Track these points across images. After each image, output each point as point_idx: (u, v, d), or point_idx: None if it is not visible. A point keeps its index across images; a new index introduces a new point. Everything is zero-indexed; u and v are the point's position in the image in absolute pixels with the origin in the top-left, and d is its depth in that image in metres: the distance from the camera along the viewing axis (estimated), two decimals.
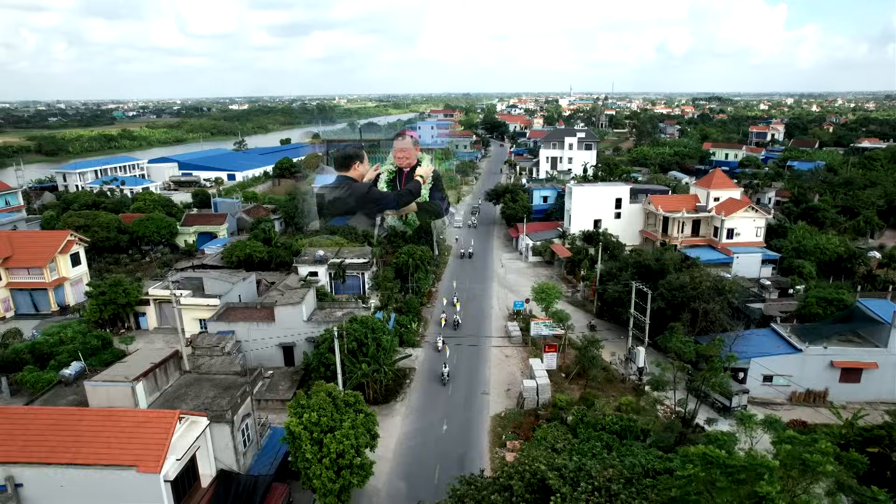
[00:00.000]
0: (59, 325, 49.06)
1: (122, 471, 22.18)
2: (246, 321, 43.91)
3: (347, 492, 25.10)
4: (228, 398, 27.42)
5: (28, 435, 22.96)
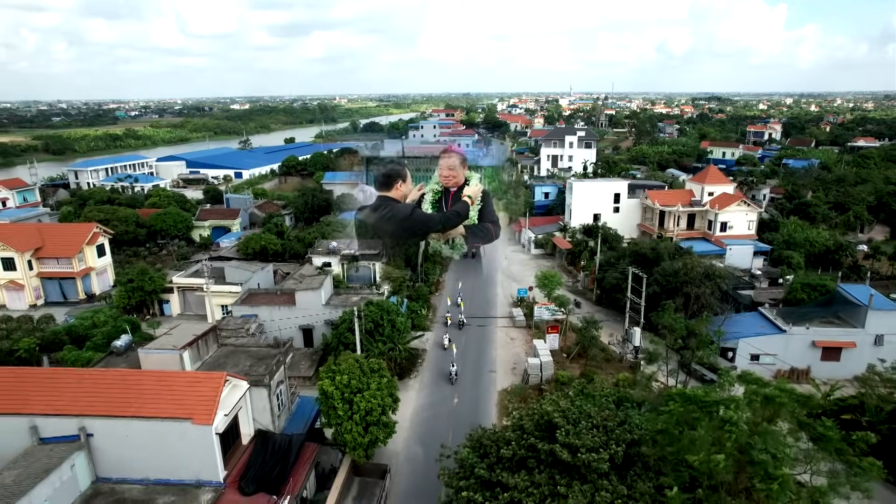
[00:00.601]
0: (91, 310, 52.15)
1: (179, 423, 25.24)
2: (268, 305, 46.98)
3: (374, 447, 28.19)
4: (264, 366, 30.52)
5: (97, 392, 26.04)
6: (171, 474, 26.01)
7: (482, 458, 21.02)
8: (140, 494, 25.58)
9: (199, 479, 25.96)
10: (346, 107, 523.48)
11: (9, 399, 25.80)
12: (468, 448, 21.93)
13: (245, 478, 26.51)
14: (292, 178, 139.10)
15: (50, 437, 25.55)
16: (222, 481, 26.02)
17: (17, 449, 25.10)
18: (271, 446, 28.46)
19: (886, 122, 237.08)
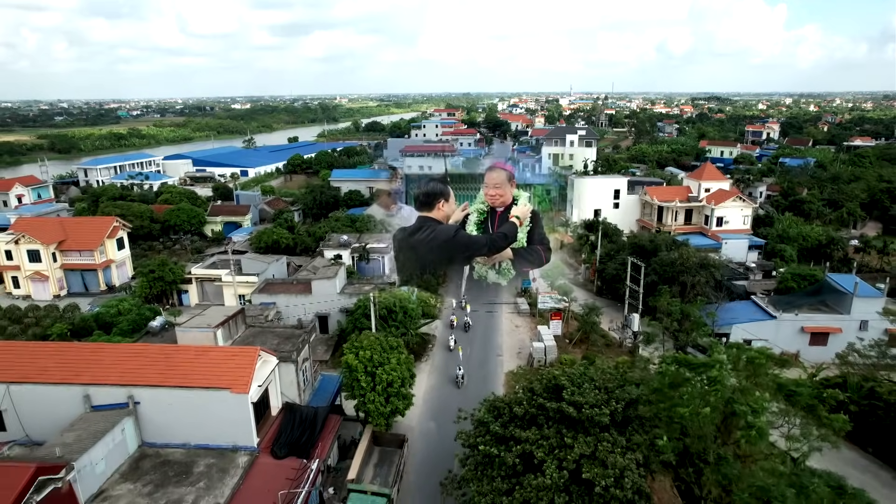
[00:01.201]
0: (116, 299, 54.61)
1: (218, 392, 27.73)
2: (286, 294, 49.49)
3: (393, 417, 30.72)
4: (290, 344, 33.05)
5: (144, 364, 28.55)
6: (210, 440, 28.51)
7: (496, 418, 23.52)
8: (182, 457, 28.08)
9: (236, 445, 28.47)
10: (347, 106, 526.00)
11: (65, 370, 28.31)
12: (485, 409, 24.44)
13: (277, 443, 29.02)
14: (297, 177, 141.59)
15: (101, 404, 28.06)
16: (256, 447, 28.53)
17: (72, 415, 27.65)
18: (298, 416, 30.95)
19: (884, 122, 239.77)
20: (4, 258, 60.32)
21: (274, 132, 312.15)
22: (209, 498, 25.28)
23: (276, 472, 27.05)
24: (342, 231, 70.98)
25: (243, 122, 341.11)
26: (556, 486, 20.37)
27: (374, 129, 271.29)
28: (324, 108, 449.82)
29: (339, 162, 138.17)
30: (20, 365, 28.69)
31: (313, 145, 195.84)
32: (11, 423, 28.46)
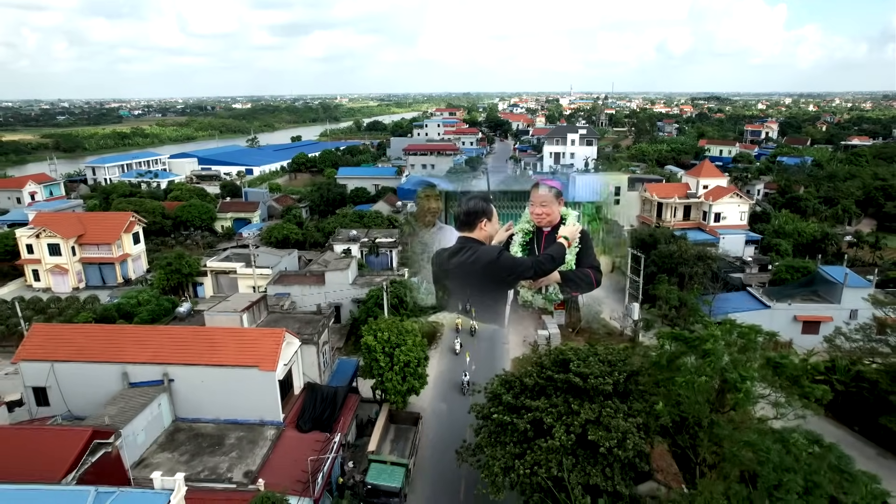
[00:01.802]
0: (135, 290, 56.65)
1: (247, 370, 29.81)
2: (300, 285, 51.53)
3: (410, 394, 32.77)
4: (311, 328, 35.10)
5: (177, 345, 30.61)
6: (239, 415, 30.58)
7: (508, 390, 25.56)
8: (213, 431, 30.15)
9: (263, 419, 30.54)
10: (348, 106, 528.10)
11: (104, 350, 30.37)
12: (497, 382, 26.50)
13: (301, 419, 31.10)
14: (302, 175, 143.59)
15: (138, 381, 30.14)
16: (282, 421, 30.60)
17: (111, 391, 29.71)
18: (320, 395, 33.02)
19: (882, 121, 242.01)
20: (26, 252, 62.35)
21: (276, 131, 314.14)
22: (242, 466, 27.35)
23: (301, 443, 29.10)
24: (350, 226, 73.01)
25: (245, 121, 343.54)
26: (564, 449, 22.43)
27: (376, 129, 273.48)
28: (325, 108, 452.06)
29: (343, 161, 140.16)
30: (63, 345, 30.76)
31: (316, 144, 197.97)
32: (55, 399, 30.57)
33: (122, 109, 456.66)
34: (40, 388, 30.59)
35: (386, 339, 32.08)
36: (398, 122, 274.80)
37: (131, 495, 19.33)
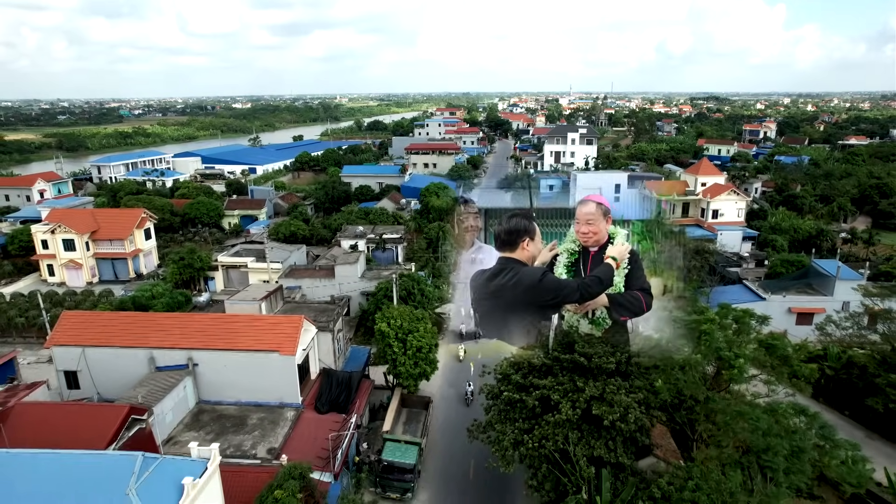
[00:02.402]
0: (149, 284, 58.23)
1: (268, 354, 31.44)
2: (310, 278, 53.16)
3: (421, 379, 34.41)
4: (326, 316, 36.73)
5: (201, 331, 32.24)
6: (259, 397, 32.22)
7: (517, 371, 27.21)
8: (235, 412, 31.79)
9: (282, 402, 32.19)
10: (348, 106, 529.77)
11: (132, 336, 31.99)
12: (506, 364, 28.12)
13: (319, 401, 32.73)
14: (305, 173, 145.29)
15: (164, 366, 31.78)
16: (301, 403, 32.24)
17: (138, 375, 31.35)
18: (335, 379, 34.65)
19: (879, 121, 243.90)
20: (41, 247, 63.93)
21: (277, 131, 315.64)
22: (265, 444, 29.00)
23: (320, 423, 30.74)
24: (356, 223, 74.64)
25: (246, 121, 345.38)
26: (570, 424, 24.08)
27: (377, 128, 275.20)
28: (325, 108, 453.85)
29: (345, 159, 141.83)
30: (92, 331, 32.40)
31: (318, 143, 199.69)
32: (85, 382, 32.21)
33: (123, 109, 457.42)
34: (71, 372, 32.21)
35: (399, 325, 33.72)
36: (399, 121, 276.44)
37: (173, 462, 20.95)
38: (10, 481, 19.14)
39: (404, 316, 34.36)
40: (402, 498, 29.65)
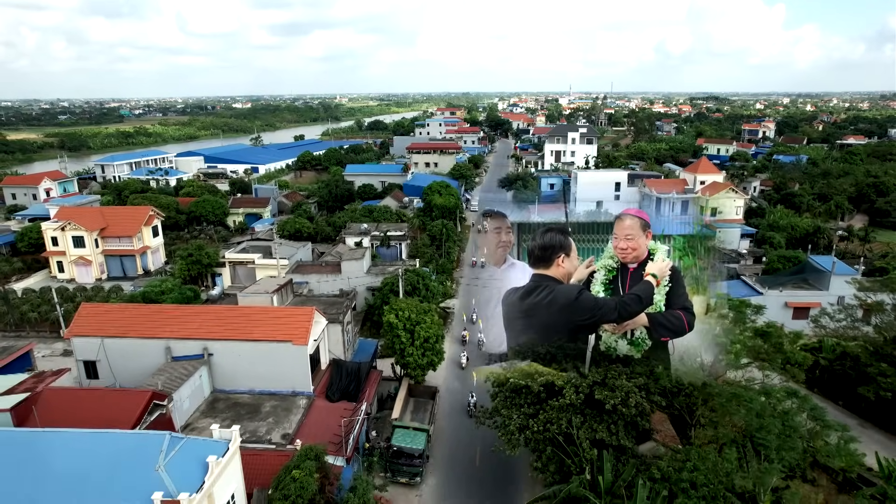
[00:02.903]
0: (158, 280, 59.31)
1: (281, 344, 32.51)
2: (317, 274, 54.23)
3: (428, 369, 35.53)
4: (336, 308, 37.83)
5: (216, 322, 33.33)
6: (272, 386, 33.30)
7: (523, 359, 28.32)
8: (249, 400, 32.88)
9: (295, 390, 33.27)
10: (348, 106, 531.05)
11: (149, 327, 33.08)
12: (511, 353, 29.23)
13: (330, 390, 33.83)
14: (307, 173, 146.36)
15: (180, 356, 32.87)
16: (312, 392, 33.33)
17: (155, 365, 32.44)
18: (345, 369, 35.75)
19: (878, 121, 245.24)
20: (51, 244, 64.99)
21: (278, 131, 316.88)
22: (279, 430, 30.10)
23: (332, 411, 31.85)
24: (360, 221, 75.74)
25: (247, 120, 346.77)
26: (573, 408, 25.18)
27: (377, 128, 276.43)
28: (326, 108, 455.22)
29: (347, 159, 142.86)
30: (111, 322, 33.48)
31: (320, 143, 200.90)
32: (103, 372, 33.30)
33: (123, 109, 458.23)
34: (90, 362, 33.30)
35: (407, 317, 34.82)
36: (399, 121, 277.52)
37: (197, 442, 22.07)
38: (47, 458, 20.25)
39: (412, 308, 35.47)
40: (411, 482, 30.76)
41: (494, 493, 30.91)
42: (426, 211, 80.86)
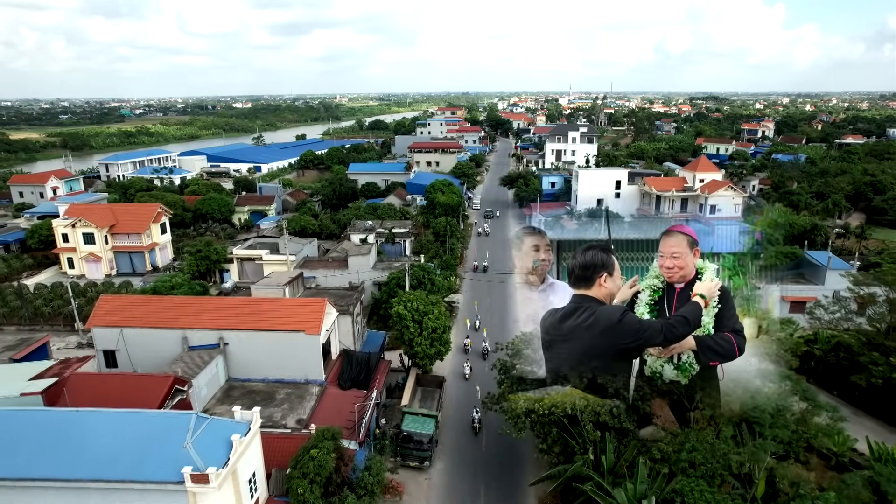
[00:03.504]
0: (168, 275, 60.46)
1: (294, 334, 33.66)
2: (324, 268, 55.42)
3: (436, 358, 36.71)
4: (345, 301, 39.01)
5: (230, 312, 34.49)
6: (286, 374, 34.45)
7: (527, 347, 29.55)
8: (264, 388, 34.04)
9: (308, 378, 34.42)
10: (349, 105, 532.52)
11: (166, 317, 34.24)
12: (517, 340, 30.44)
13: (341, 378, 35.02)
14: (310, 172, 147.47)
15: (196, 345, 34.02)
16: (324, 380, 34.50)
17: (172, 354, 33.58)
18: (355, 359, 36.93)
19: (877, 121, 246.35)
20: (61, 241, 66.15)
21: (279, 130, 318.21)
22: (293, 415, 31.27)
23: (343, 398, 33.02)
24: (365, 218, 76.98)
25: (248, 120, 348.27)
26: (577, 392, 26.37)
27: (378, 127, 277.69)
28: (326, 107, 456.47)
29: (350, 158, 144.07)
30: (129, 313, 34.64)
31: (322, 142, 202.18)
32: (122, 361, 34.44)
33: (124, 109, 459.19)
34: (110, 351, 34.44)
35: (415, 308, 36.01)
36: (400, 121, 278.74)
37: (221, 422, 23.27)
38: (81, 435, 21.43)
39: (420, 300, 36.66)
40: (420, 466, 31.95)
41: (500, 475, 32.12)
42: (429, 208, 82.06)
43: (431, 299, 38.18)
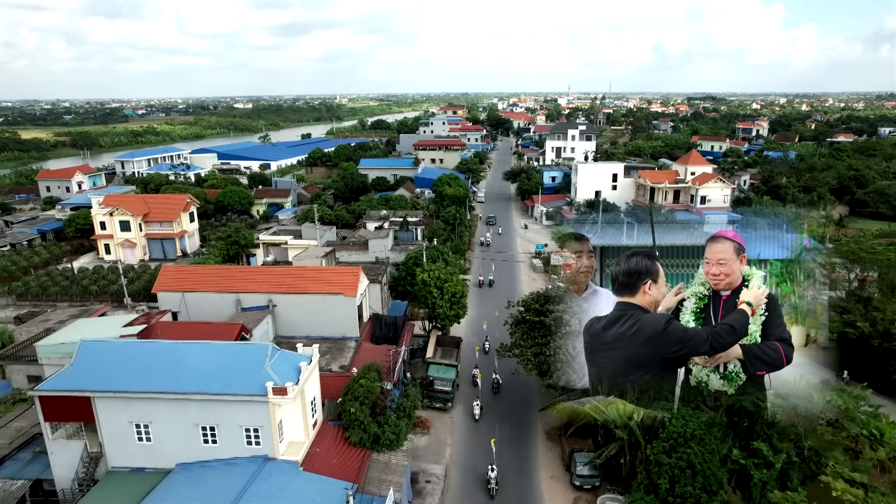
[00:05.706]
0: (201, 258, 65.76)
1: (334, 297, 38.96)
2: (346, 251, 60.67)
3: (455, 320, 42.06)
4: (374, 271, 44.38)
5: (278, 278, 39.82)
6: (326, 332, 39.70)
7: (536, 301, 34.86)
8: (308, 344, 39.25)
9: (345, 336, 39.72)
10: (350, 105, 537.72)
11: (222, 283, 39.56)
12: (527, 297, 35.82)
13: (373, 336, 40.36)
14: (318, 168, 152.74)
15: (249, 307, 39.32)
16: (359, 337, 39.82)
17: (228, 314, 38.84)
18: (384, 321, 42.29)
19: (870, 120, 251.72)
20: (99, 228, 71.42)
21: (282, 130, 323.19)
22: (337, 363, 36.60)
23: (377, 350, 38.35)
24: (378, 208, 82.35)
25: (251, 120, 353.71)
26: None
27: (380, 127, 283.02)
28: (328, 108, 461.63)
29: (356, 156, 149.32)
30: (189, 280, 39.95)
31: (327, 141, 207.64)
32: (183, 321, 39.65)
33: (126, 109, 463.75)
34: (173, 313, 39.72)
35: (437, 276, 41.35)
36: (402, 120, 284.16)
37: (289, 354, 28.61)
38: (182, 360, 26.76)
39: (441, 269, 42.00)
40: (444, 407, 37.29)
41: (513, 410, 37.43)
42: (438, 200, 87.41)
43: (450, 270, 43.50)
